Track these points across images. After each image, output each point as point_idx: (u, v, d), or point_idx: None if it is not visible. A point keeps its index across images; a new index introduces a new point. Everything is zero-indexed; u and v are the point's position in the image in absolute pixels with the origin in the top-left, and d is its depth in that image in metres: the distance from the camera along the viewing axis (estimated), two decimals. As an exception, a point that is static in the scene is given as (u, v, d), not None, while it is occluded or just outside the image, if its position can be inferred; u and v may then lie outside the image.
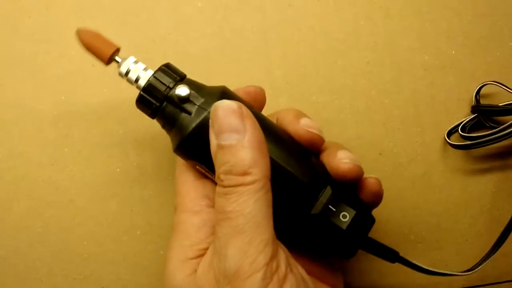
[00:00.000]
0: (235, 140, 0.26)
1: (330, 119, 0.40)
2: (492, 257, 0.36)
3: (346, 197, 0.29)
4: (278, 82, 0.39)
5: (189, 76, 0.38)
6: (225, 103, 0.27)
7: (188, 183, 0.30)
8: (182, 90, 0.28)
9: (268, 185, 0.26)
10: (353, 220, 0.29)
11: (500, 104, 0.39)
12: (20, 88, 0.37)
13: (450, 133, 0.40)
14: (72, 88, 0.38)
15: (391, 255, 0.31)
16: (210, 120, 0.27)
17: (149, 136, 0.37)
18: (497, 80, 0.39)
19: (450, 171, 0.40)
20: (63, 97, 0.37)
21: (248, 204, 0.25)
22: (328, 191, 0.29)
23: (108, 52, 0.29)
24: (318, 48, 0.40)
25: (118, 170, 0.37)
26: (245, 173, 0.25)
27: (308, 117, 0.31)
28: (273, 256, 0.25)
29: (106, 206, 0.37)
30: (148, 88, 0.29)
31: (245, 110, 0.27)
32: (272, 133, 0.29)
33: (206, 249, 0.28)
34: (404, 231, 0.40)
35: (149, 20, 0.39)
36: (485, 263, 0.36)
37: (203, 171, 0.29)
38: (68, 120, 0.37)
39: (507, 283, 0.41)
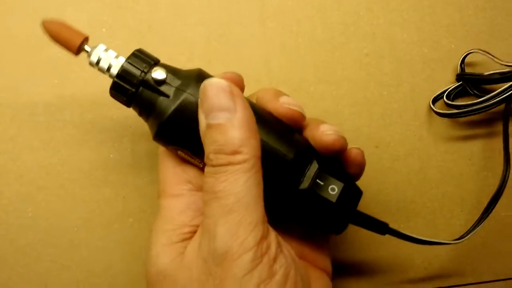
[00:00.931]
0: (225, 119, 0.25)
1: (327, 110, 0.39)
2: (481, 225, 0.36)
3: (333, 170, 0.29)
4: (276, 72, 0.39)
5: (186, 63, 0.38)
6: (214, 81, 0.26)
7: (169, 169, 0.30)
8: (158, 73, 0.28)
9: (258, 165, 0.25)
10: (341, 193, 0.28)
11: (485, 73, 0.39)
12: (13, 70, 0.37)
13: (435, 100, 0.40)
14: (65, 72, 0.37)
15: (381, 227, 0.31)
16: (199, 99, 0.26)
17: (144, 122, 0.37)
18: (482, 48, 0.39)
19: (437, 141, 0.40)
20: (56, 81, 0.37)
21: (238, 183, 0.24)
22: (314, 166, 0.29)
23: (76, 42, 0.28)
24: (317, 39, 0.40)
25: (111, 156, 0.37)
26: (235, 152, 0.25)
27: (288, 95, 0.31)
28: (263, 237, 0.25)
29: (99, 192, 0.37)
30: (122, 74, 0.28)
31: (234, 88, 0.26)
32: (255, 112, 0.28)
33: (191, 232, 0.27)
34: (400, 225, 0.39)
35: (147, 5, 0.38)
36: (474, 231, 0.36)
37: (186, 156, 0.29)
38: (61, 104, 0.37)
39: (502, 281, 0.41)
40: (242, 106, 0.26)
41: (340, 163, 0.31)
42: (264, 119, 0.29)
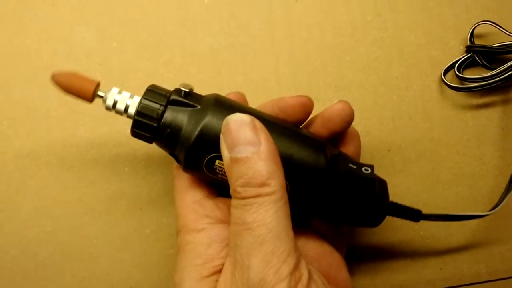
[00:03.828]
0: (251, 152, 0.26)
1: (338, 115, 0.39)
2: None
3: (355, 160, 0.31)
4: (285, 79, 0.39)
5: (197, 74, 0.39)
6: (237, 116, 0.27)
7: (188, 206, 0.30)
8: (184, 86, 0.29)
9: (286, 196, 0.26)
10: (374, 173, 0.30)
11: (494, 45, 0.40)
12: (27, 87, 0.37)
13: (446, 72, 0.40)
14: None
15: (415, 215, 0.33)
16: (221, 134, 0.27)
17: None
18: (492, 20, 0.39)
19: (448, 142, 0.40)
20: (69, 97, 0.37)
21: (268, 214, 0.25)
22: (342, 157, 0.30)
23: (90, 90, 0.29)
24: (325, 45, 0.40)
25: (126, 169, 0.37)
26: (263, 184, 0.25)
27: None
28: (296, 265, 0.25)
29: (115, 205, 0.37)
30: (142, 111, 0.28)
31: (257, 123, 0.27)
32: (275, 126, 0.29)
33: (221, 265, 0.28)
34: (414, 227, 0.40)
35: (156, 18, 0.38)
36: (506, 198, 0.36)
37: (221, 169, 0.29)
38: (75, 120, 0.37)
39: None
40: (266, 139, 0.26)
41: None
42: (285, 128, 0.29)
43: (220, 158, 0.27)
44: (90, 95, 0.29)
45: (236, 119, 0.27)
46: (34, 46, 0.37)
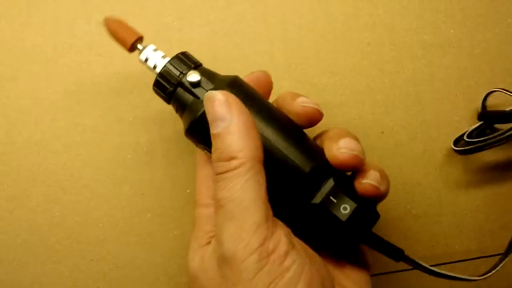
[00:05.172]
0: (221, 127, 0.27)
1: (332, 100, 0.41)
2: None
3: (349, 190, 0.29)
4: (280, 66, 0.41)
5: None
6: (210, 94, 0.28)
7: (202, 180, 0.32)
8: (193, 76, 0.30)
9: (258, 166, 0.26)
10: (353, 213, 0.28)
11: (508, 110, 0.38)
12: (32, 79, 0.39)
13: (456, 142, 0.40)
14: (82, 78, 0.39)
15: (396, 254, 0.31)
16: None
17: (158, 123, 0.39)
18: (501, 87, 0.39)
19: (438, 124, 0.41)
20: (73, 87, 0.39)
21: (234, 189, 0.26)
22: (330, 182, 0.29)
23: (130, 40, 0.31)
24: (318, 31, 0.41)
25: (129, 156, 0.39)
26: (231, 158, 0.26)
27: (305, 96, 0.32)
28: (268, 237, 0.25)
29: (119, 190, 0.39)
30: (163, 74, 0.31)
31: (231, 98, 0.28)
32: (276, 121, 0.30)
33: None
34: (406, 206, 0.41)
35: (153, 10, 0.40)
36: (499, 266, 0.33)
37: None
38: (80, 109, 0.39)
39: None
40: (238, 113, 0.27)
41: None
42: (285, 128, 0.30)
43: None
44: (129, 45, 0.31)
45: (210, 96, 0.28)
46: (37, 40, 0.39)
